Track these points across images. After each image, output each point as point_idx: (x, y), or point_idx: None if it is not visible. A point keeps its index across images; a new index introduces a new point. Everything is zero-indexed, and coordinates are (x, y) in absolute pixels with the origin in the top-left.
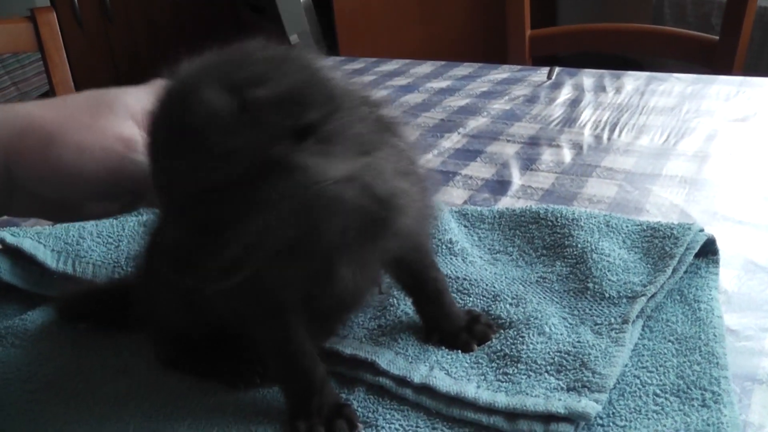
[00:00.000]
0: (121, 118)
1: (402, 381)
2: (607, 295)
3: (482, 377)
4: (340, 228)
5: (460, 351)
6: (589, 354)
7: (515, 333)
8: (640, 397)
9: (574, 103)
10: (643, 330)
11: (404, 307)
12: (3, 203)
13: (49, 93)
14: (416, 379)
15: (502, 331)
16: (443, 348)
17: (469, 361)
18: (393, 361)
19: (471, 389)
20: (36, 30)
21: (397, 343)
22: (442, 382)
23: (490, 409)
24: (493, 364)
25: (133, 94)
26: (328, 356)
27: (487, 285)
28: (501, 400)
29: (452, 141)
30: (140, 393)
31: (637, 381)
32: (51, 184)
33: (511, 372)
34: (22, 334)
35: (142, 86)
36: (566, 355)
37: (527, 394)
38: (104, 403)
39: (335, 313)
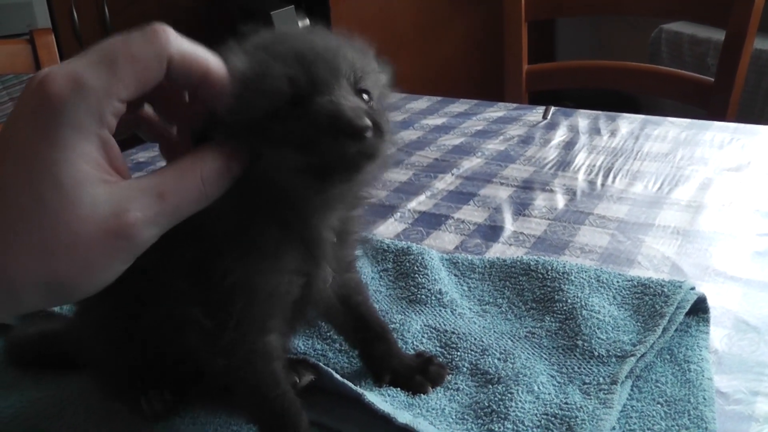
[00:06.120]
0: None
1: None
2: (596, 354)
3: None
4: None
5: (442, 401)
6: (576, 417)
7: (503, 389)
8: None
9: (569, 146)
10: (632, 390)
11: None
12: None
13: None
14: (400, 419)
15: (490, 386)
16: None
17: (454, 417)
18: (378, 402)
19: None
20: (34, 51)
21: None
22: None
23: None
24: (479, 421)
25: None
26: (311, 407)
27: (475, 339)
28: None
29: (446, 182)
30: None
31: None
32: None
33: (496, 429)
34: (4, 374)
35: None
36: (553, 418)
37: None
38: None
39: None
